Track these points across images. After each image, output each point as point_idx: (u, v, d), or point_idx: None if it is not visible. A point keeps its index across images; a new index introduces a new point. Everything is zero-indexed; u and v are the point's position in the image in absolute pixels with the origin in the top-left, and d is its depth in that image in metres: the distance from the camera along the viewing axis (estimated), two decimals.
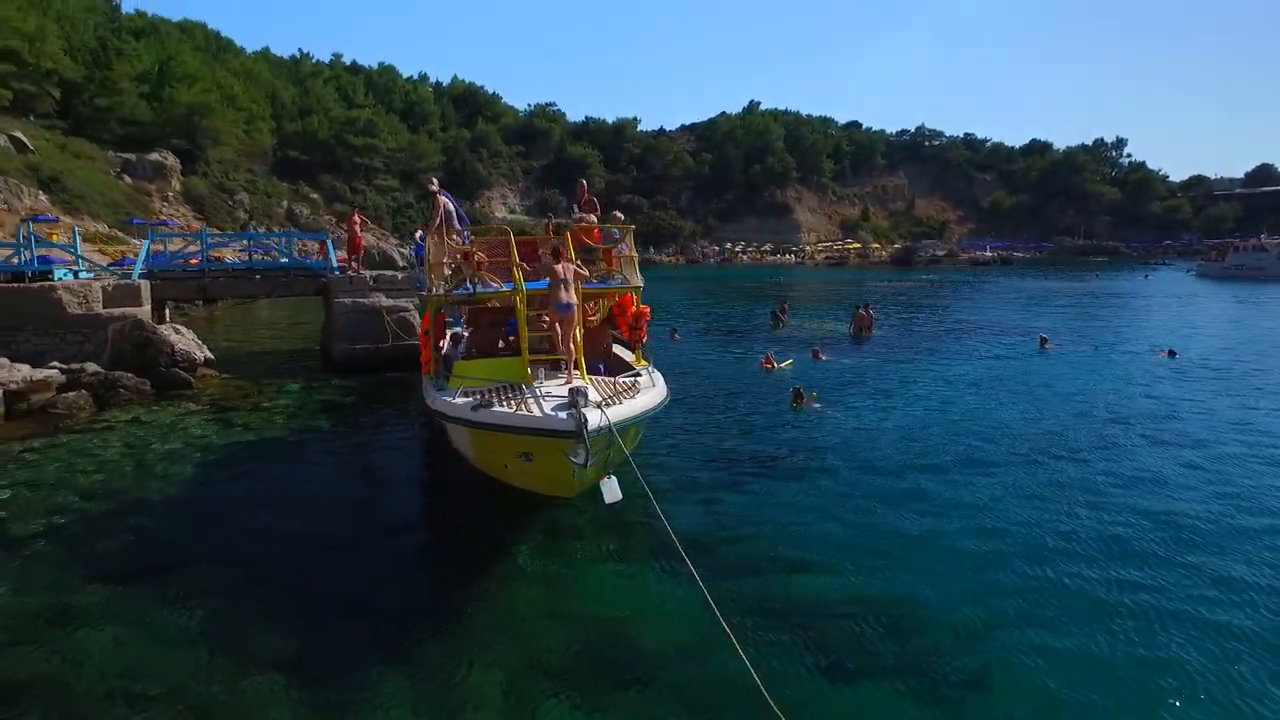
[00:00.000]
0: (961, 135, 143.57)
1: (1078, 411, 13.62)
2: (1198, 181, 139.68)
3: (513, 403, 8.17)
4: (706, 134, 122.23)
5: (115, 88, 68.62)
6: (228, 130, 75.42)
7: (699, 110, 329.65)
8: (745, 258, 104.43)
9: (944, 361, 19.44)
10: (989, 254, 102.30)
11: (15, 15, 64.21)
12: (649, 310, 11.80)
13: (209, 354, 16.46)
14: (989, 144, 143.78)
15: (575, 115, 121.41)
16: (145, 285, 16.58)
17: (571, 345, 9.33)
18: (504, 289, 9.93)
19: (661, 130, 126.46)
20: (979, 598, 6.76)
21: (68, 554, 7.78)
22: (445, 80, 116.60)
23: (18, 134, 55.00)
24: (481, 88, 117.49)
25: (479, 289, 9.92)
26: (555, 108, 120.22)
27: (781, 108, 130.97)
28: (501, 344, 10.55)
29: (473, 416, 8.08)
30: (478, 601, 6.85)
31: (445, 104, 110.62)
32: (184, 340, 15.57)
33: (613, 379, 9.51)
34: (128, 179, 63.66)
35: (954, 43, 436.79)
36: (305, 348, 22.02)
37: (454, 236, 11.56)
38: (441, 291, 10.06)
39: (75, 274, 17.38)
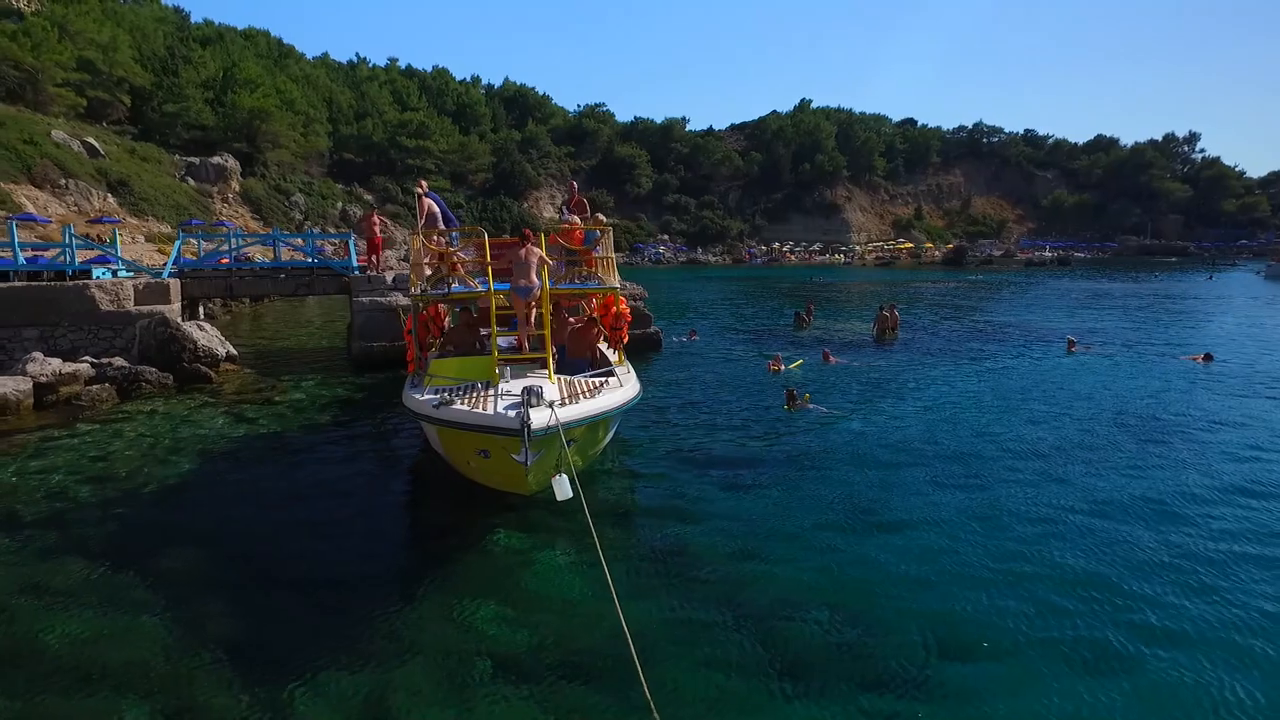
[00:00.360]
0: (1022, 131, 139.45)
1: (1085, 417, 13.18)
2: (1278, 178, 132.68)
3: (472, 400, 8.40)
4: (756, 133, 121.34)
5: (181, 94, 71.82)
6: (286, 134, 78.10)
7: (749, 109, 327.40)
8: (793, 258, 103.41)
9: (963, 364, 19.04)
10: (1048, 254, 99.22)
11: (91, 26, 67.80)
12: (630, 312, 11.92)
13: (232, 350, 17.23)
14: (1051, 140, 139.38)
15: (624, 116, 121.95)
16: (175, 284, 17.44)
17: (534, 330, 9.63)
18: (479, 289, 10.20)
19: (710, 130, 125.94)
20: (920, 612, 6.55)
21: (52, 534, 8.30)
22: (497, 83, 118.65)
23: (90, 139, 57.98)
24: (532, 89, 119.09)
25: (454, 289, 10.21)
26: (604, 108, 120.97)
27: (833, 105, 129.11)
28: (478, 344, 10.84)
29: (433, 413, 8.34)
30: (429, 590, 7.08)
31: (496, 106, 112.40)
32: (207, 336, 16.34)
33: (578, 378, 9.67)
34: (191, 181, 66.52)
35: (1012, 38, 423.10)
36: (336, 345, 22.84)
37: (439, 237, 11.79)
38: (418, 291, 10.40)
39: (114, 273, 18.37)
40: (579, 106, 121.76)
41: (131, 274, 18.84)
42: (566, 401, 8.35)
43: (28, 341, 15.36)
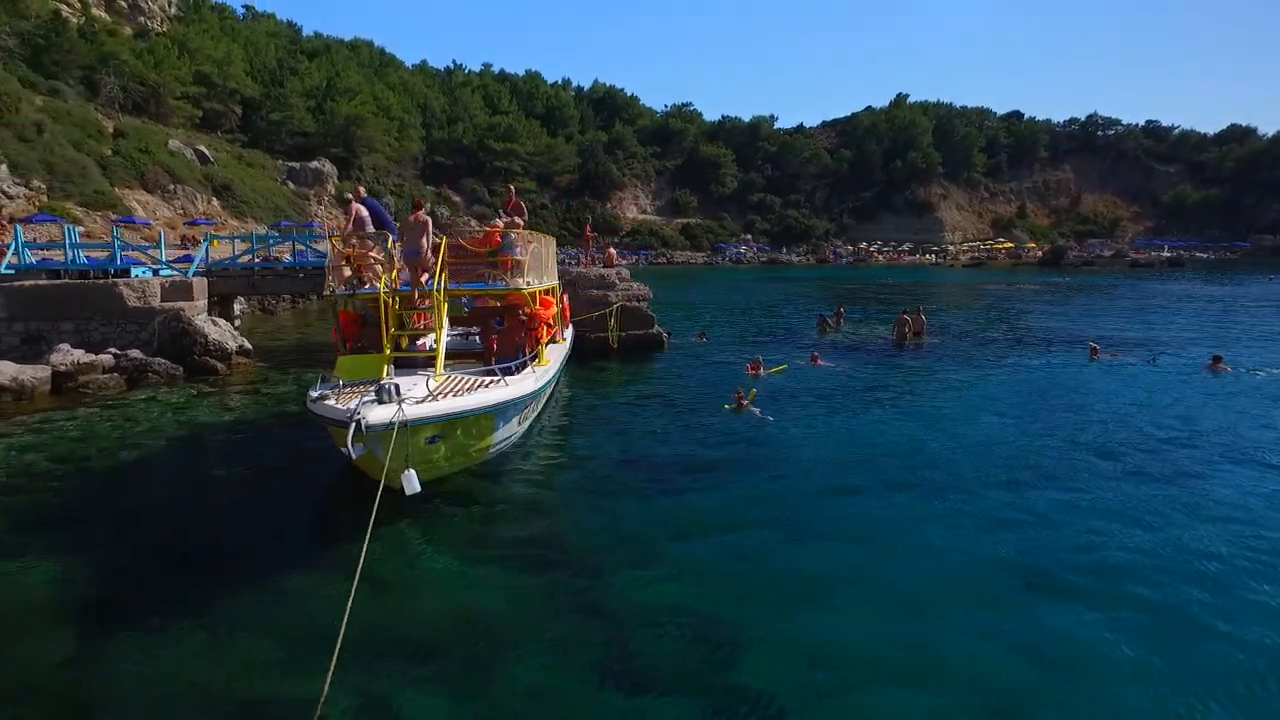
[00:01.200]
0: (1142, 123, 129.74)
1: (1074, 427, 12.27)
2: None
3: (345, 397, 8.86)
4: (847, 130, 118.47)
5: (286, 103, 76.97)
6: (380, 138, 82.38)
7: (842, 105, 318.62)
8: (881, 258, 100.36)
9: (970, 370, 18.12)
10: (1166, 254, 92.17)
11: (209, 43, 73.68)
12: (548, 314, 12.15)
13: (246, 344, 18.55)
14: (1176, 131, 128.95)
15: (711, 115, 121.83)
16: (201, 282, 18.98)
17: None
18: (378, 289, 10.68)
19: (801, 127, 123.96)
20: (799, 632, 6.20)
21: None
22: (586, 84, 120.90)
23: (201, 147, 63.01)
24: (621, 90, 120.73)
25: (358, 290, 10.79)
26: (691, 107, 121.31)
27: (932, 100, 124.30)
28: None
29: (309, 406, 8.90)
30: (301, 568, 7.48)
31: (585, 108, 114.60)
32: (219, 332, 17.70)
33: (462, 376, 9.98)
34: (291, 185, 71.17)
35: (1136, 20, 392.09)
36: None
37: (356, 241, 12.09)
38: (328, 293, 11.03)
39: (156, 272, 20.13)
40: (666, 106, 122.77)
41: (173, 273, 20.58)
42: (434, 399, 8.69)
43: (65, 334, 17.12)
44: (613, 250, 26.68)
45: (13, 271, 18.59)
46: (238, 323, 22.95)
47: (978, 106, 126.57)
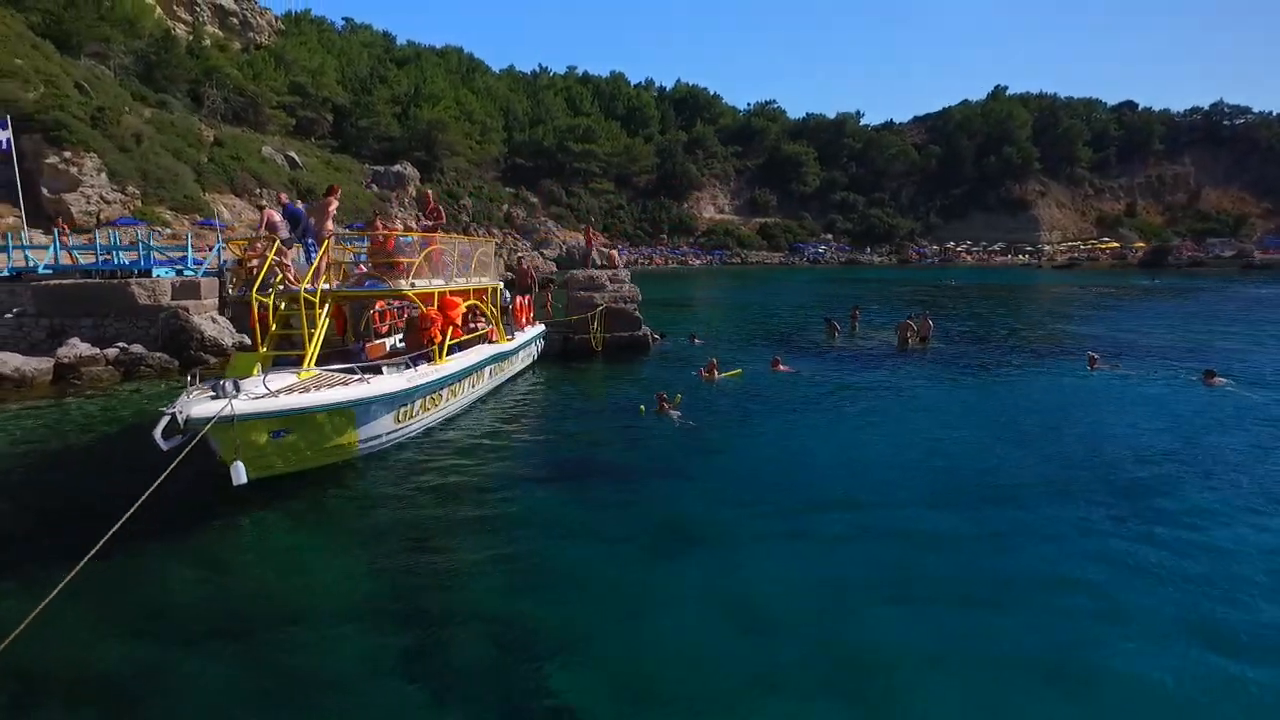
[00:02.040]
0: (1277, 112, 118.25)
1: (1023, 441, 11.43)
2: None
3: (211, 393, 9.42)
4: (937, 125, 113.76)
5: (374, 110, 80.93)
6: (461, 142, 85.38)
7: (938, 100, 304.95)
8: (969, 258, 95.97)
9: (953, 379, 17.15)
10: None
11: (304, 55, 78.39)
12: (454, 314, 12.41)
13: (245, 340, 19.88)
14: None
15: (796, 112, 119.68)
16: (212, 281, 20.48)
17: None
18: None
19: (890, 123, 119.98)
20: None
21: None
22: (669, 85, 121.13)
23: (292, 153, 67.22)
24: (704, 90, 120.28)
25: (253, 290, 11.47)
26: (775, 106, 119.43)
27: (1034, 91, 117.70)
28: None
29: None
30: (176, 550, 8.07)
31: (666, 108, 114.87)
32: (217, 328, 19.02)
33: (328, 374, 10.44)
34: (375, 188, 74.82)
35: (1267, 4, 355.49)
36: None
37: (260, 244, 12.65)
38: (233, 293, 11.77)
39: (179, 272, 21.79)
40: (749, 105, 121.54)
41: (190, 273, 22.17)
42: (274, 396, 9.19)
43: (83, 329, 18.84)
44: (615, 253, 26.90)
45: (51, 270, 20.56)
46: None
47: (1085, 98, 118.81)
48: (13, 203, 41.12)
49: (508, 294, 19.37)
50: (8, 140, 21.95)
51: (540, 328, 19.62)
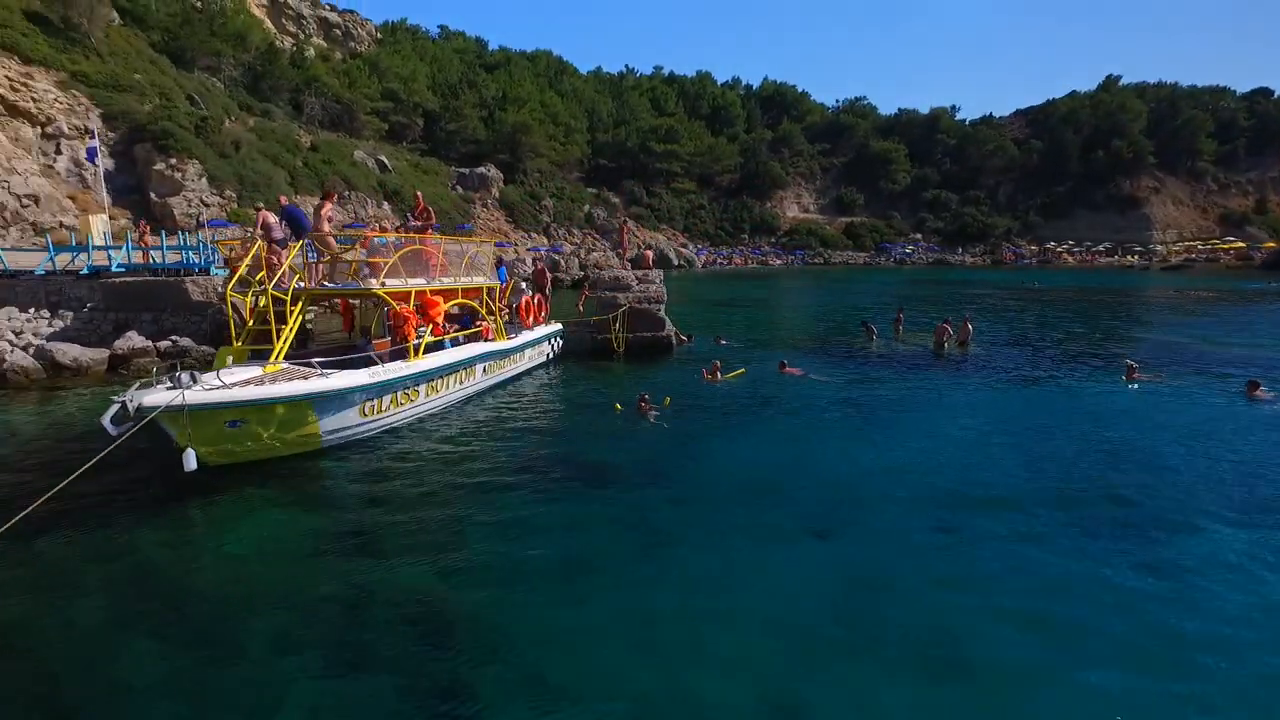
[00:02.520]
0: None
1: (1030, 458, 10.63)
2: None
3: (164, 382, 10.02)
4: (1039, 119, 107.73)
5: (462, 114, 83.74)
6: (545, 144, 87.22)
7: (1043, 92, 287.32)
8: (1071, 259, 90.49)
9: (975, 386, 16.21)
10: None
11: (398, 62, 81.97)
12: (412, 313, 12.77)
13: None
14: None
15: (888, 108, 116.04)
16: None
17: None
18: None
19: (989, 118, 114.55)
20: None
21: None
22: (756, 83, 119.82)
23: (382, 157, 70.47)
24: (792, 87, 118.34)
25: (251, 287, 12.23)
26: (865, 102, 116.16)
27: (1152, 81, 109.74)
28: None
29: None
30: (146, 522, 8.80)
31: (752, 106, 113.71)
32: None
33: (293, 369, 11.01)
34: (460, 189, 77.54)
35: None
36: None
37: (246, 244, 13.40)
38: (222, 289, 12.57)
39: None
40: (838, 102, 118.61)
41: None
42: (227, 388, 9.81)
43: (144, 323, 20.49)
44: (649, 251, 26.86)
45: (124, 269, 22.44)
46: (310, 316, 25.93)
47: (1211, 85, 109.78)
48: (126, 205, 45.09)
49: (527, 292, 19.85)
50: (94, 150, 24.01)
51: (555, 327, 19.93)
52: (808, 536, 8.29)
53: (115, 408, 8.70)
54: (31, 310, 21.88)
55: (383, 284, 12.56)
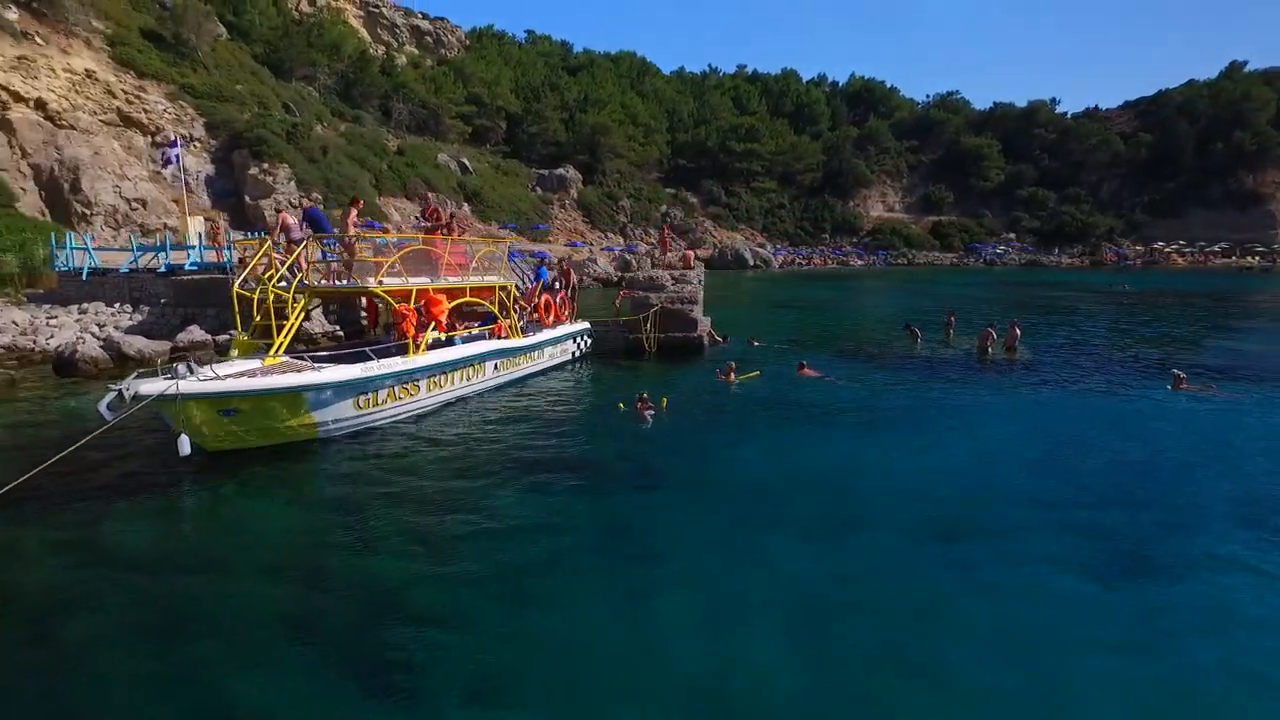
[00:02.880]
0: None
1: (1038, 474, 10.11)
2: None
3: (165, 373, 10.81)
4: (1150, 110, 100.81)
5: (543, 116, 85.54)
6: (624, 144, 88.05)
7: (1153, 81, 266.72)
8: (1181, 260, 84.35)
9: (1006, 392, 15.47)
10: None
11: (482, 67, 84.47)
12: (410, 311, 13.22)
13: (337, 330, 22.33)
14: None
15: (982, 102, 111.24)
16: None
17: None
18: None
19: (1094, 110, 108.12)
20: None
21: None
22: (843, 79, 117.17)
23: (465, 159, 72.87)
24: (880, 83, 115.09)
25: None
26: (958, 97, 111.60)
27: None
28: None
29: None
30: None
31: (838, 103, 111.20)
32: (310, 319, 21.60)
33: (290, 360, 11.69)
34: (539, 190, 79.23)
35: None
36: None
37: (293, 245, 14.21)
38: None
39: None
40: (928, 97, 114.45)
41: None
42: (220, 380, 10.53)
43: (208, 318, 22.05)
44: (690, 252, 26.75)
45: (196, 267, 24.18)
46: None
47: None
48: (224, 208, 48.35)
49: (561, 292, 20.27)
50: (178, 156, 25.95)
51: (583, 325, 20.23)
52: (777, 544, 8.11)
53: (112, 395, 9.46)
54: (116, 305, 23.92)
55: (379, 282, 13.16)
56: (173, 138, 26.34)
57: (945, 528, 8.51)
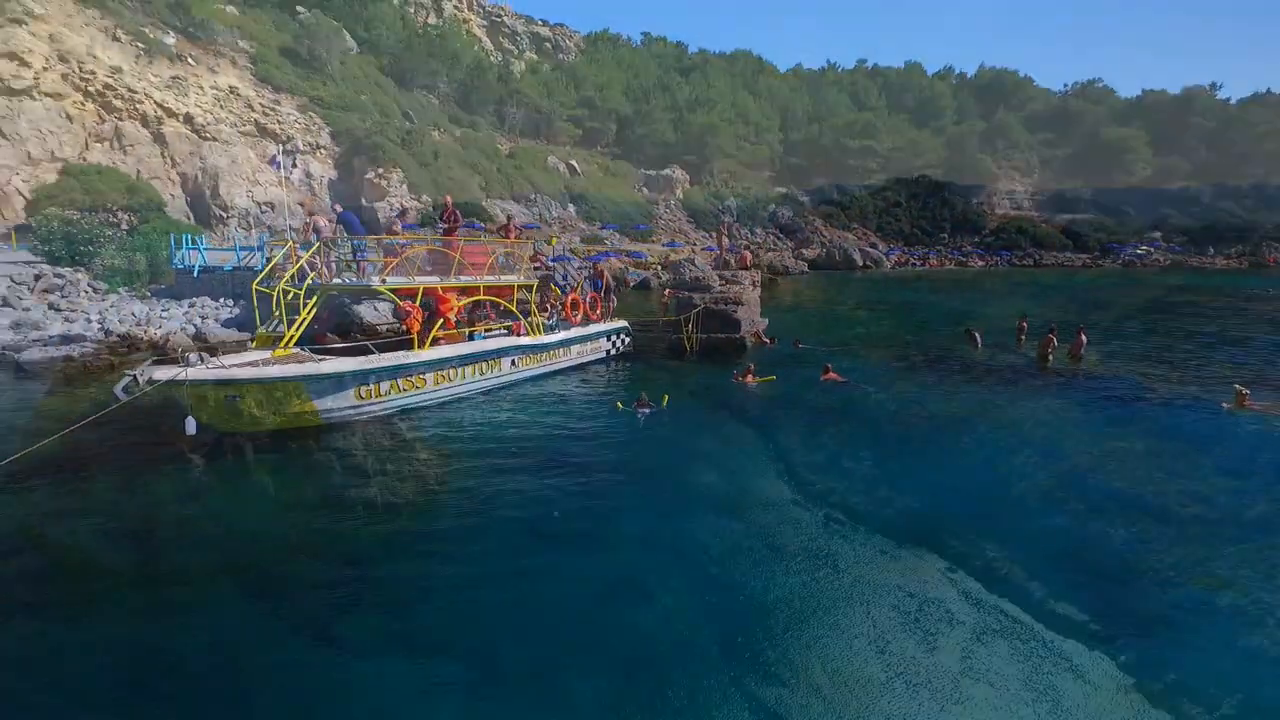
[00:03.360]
0: None
1: (1056, 499, 9.63)
2: None
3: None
4: None
5: (653, 117, 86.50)
6: (733, 144, 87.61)
7: None
8: None
9: (1058, 403, 14.14)
10: None
11: (594, 71, 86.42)
12: (415, 308, 13.92)
13: (391, 322, 23.86)
14: None
15: (1129, 90, 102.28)
16: None
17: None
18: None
19: (1265, 94, 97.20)
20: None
21: None
22: (971, 70, 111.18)
23: (573, 162, 74.86)
24: (1012, 72, 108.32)
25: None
26: (1100, 84, 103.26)
27: None
28: None
29: None
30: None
31: (965, 96, 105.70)
32: (375, 315, 23.15)
33: (297, 353, 12.74)
34: (645, 191, 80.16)
35: None
36: None
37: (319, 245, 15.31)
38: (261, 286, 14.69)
39: None
40: (1066, 86, 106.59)
41: None
42: (224, 368, 11.71)
43: None
44: (748, 253, 26.34)
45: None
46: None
47: None
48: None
49: (590, 291, 20.77)
50: (279, 163, 28.44)
51: (619, 324, 20.57)
52: (729, 558, 8.05)
53: (127, 379, 10.75)
54: (220, 299, 26.56)
55: (383, 280, 14.08)
56: (289, 147, 28.78)
57: (883, 561, 8.29)
